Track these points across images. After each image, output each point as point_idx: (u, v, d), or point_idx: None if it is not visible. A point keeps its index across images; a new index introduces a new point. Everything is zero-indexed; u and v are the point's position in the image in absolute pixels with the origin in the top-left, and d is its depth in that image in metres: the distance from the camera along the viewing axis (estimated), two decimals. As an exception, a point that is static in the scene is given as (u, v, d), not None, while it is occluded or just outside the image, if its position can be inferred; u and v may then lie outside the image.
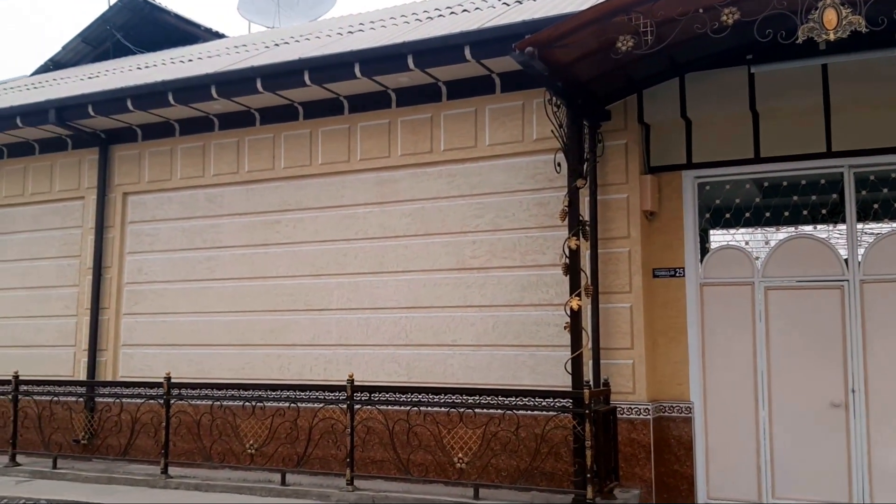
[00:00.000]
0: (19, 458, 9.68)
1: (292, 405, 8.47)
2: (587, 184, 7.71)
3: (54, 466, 9.37)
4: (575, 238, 7.27)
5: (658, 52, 6.65)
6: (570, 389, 7.22)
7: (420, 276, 8.86)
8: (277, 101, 9.58)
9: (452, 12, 10.15)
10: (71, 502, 8.00)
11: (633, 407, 7.80)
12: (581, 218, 7.43)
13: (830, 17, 5.69)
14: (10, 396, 9.79)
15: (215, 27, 16.82)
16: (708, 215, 8.37)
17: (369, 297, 9.11)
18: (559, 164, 7.50)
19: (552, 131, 7.37)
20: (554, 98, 7.27)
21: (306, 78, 8.91)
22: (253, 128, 10.01)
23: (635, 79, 7.96)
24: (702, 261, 8.14)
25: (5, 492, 8.46)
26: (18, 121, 10.66)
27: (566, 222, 7.33)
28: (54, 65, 16.64)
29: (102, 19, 16.01)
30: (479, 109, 8.73)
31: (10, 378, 9.83)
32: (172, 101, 9.70)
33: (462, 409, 7.57)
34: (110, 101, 10.07)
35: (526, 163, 8.47)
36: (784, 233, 8.07)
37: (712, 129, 8.06)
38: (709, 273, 8.09)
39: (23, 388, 9.82)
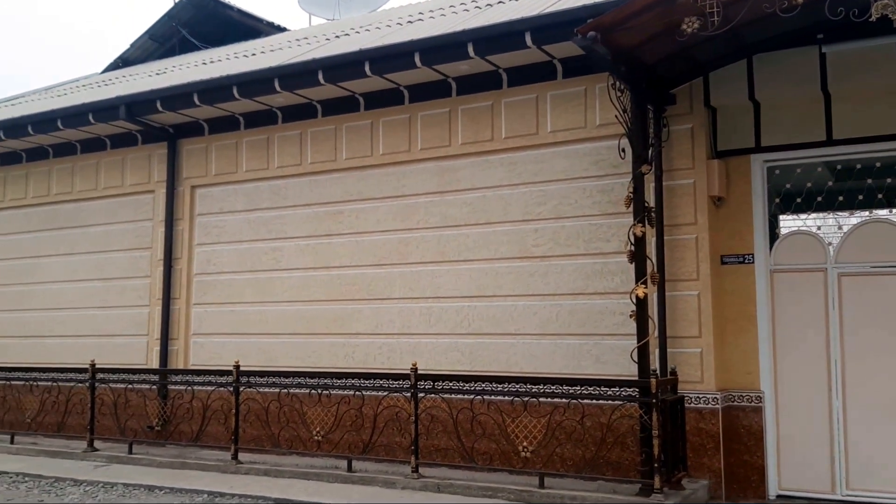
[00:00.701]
0: (97, 444, 10.04)
1: (357, 393, 8.57)
2: (652, 169, 7.56)
3: (130, 452, 9.68)
4: (640, 225, 7.16)
5: (725, 34, 6.48)
6: (636, 378, 7.12)
7: (482, 265, 8.85)
8: (339, 92, 9.65)
9: (512, -2, 10.08)
10: (146, 486, 8.25)
11: (701, 396, 7.66)
12: (646, 204, 7.30)
13: (907, -8, 5.46)
14: (87, 384, 10.16)
15: (277, 21, 17.07)
16: (778, 200, 8.15)
17: (431, 286, 9.14)
18: (623, 150, 7.39)
19: (616, 116, 7.25)
20: (617, 83, 7.14)
21: (367, 69, 8.95)
22: (315, 120, 10.12)
23: (701, 61, 7.77)
24: (772, 247, 7.93)
25: (84, 476, 8.77)
26: (90, 117, 10.98)
27: (631, 209, 7.23)
28: (123, 62, 17.11)
29: (168, 16, 16.39)
30: (540, 96, 8.65)
31: (87, 366, 10.20)
32: (237, 95, 9.86)
33: (526, 398, 7.55)
34: (177, 96, 10.28)
35: (589, 149, 8.37)
36: (858, 217, 7.80)
37: (782, 112, 7.83)
38: (779, 259, 7.88)
39: (99, 375, 10.16)
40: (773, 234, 8.08)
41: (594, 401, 7.39)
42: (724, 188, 7.97)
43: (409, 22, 11.02)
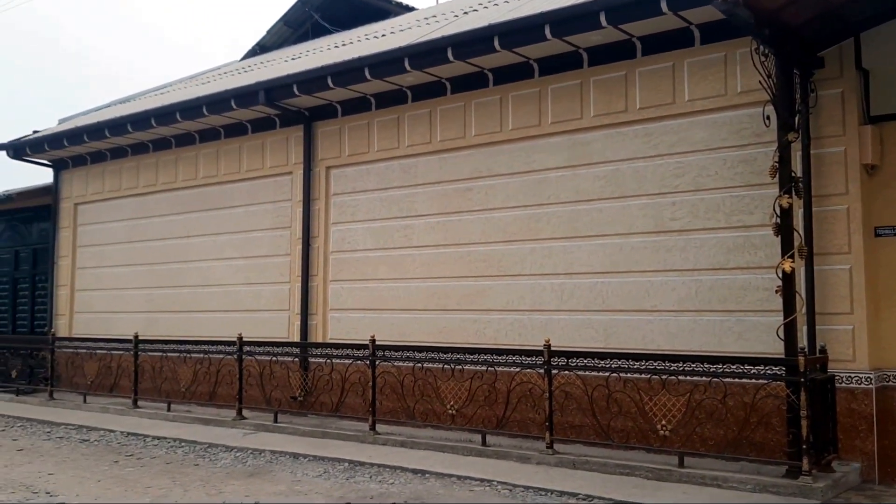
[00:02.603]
0: (244, 413, 10.61)
1: (489, 369, 8.65)
2: (799, 137, 7.17)
3: (275, 421, 10.19)
4: (787, 196, 6.82)
5: (881, -11, 6.05)
6: (782, 356, 6.83)
7: (616, 240, 8.68)
8: (467, 69, 9.66)
9: (645, -35, 9.74)
10: (291, 454, 8.65)
11: (852, 375, 7.25)
12: (793, 174, 6.95)
13: None
14: (235, 356, 10.73)
15: (406, 1, 17.22)
16: (939, 167, 7.55)
17: (563, 262, 9.06)
18: (768, 118, 7.04)
19: (759, 82, 6.91)
20: (761, 47, 6.81)
21: (496, 44, 8.91)
22: (444, 97, 10.18)
23: (852, 21, 7.29)
24: (932, 218, 7.37)
25: (234, 443, 9.30)
26: (232, 103, 11.48)
27: (776, 179, 6.89)
28: (261, 48, 17.79)
29: (301, 2, 16.88)
30: (676, 64, 8.34)
31: (235, 340, 10.78)
32: (368, 76, 10.05)
33: (664, 376, 7.38)
34: (312, 79, 10.59)
35: (729, 118, 8.02)
36: None
37: (944, 72, 7.23)
38: (941, 231, 7.32)
39: (246, 348, 10.71)
40: (934, 204, 7.51)
41: (737, 379, 7.15)
42: (878, 155, 7.46)
43: (538, -6, 10.86)
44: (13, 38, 58.04)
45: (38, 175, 16.25)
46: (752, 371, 6.99)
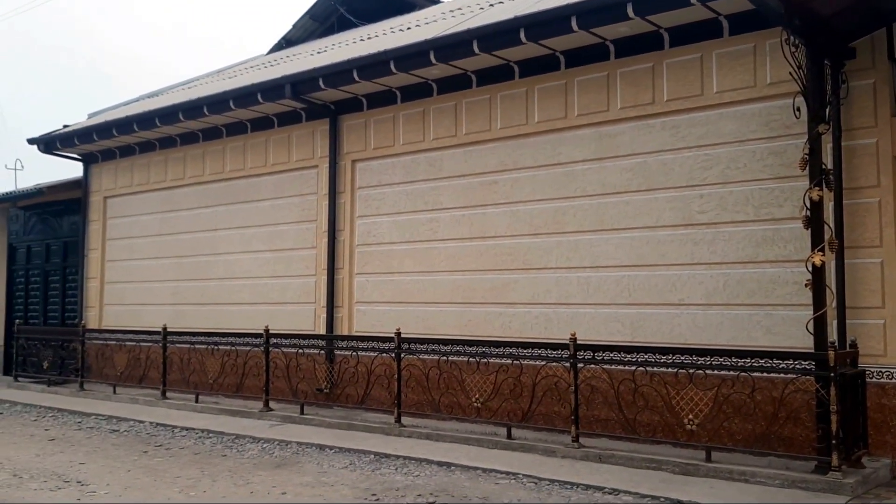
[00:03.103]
0: (271, 404, 10.70)
1: (515, 362, 8.63)
2: (830, 129, 7.06)
3: (301, 412, 10.25)
4: (817, 188, 6.73)
5: (915, -23, 5.94)
6: (812, 351, 6.75)
7: (643, 233, 8.62)
8: (493, 61, 9.64)
9: (673, -45, 9.64)
10: (317, 445, 8.71)
11: (883, 370, 7.16)
12: (824, 166, 6.85)
13: None
14: (262, 348, 10.82)
15: (431, -6, 17.18)
16: (972, 159, 7.41)
17: (589, 255, 9.02)
18: (798, 109, 6.94)
19: (790, 73, 6.81)
20: (791, 37, 6.71)
21: (522, 36, 8.88)
22: (469, 90, 10.16)
23: (884, 10, 7.17)
24: (965, 210, 7.23)
25: (261, 434, 9.37)
26: (259, 97, 11.55)
27: (806, 171, 6.81)
28: (287, 42, 17.86)
29: (327, -5, 16.93)
30: (704, 55, 8.26)
31: (261, 332, 10.86)
32: (394, 70, 10.06)
33: (692, 370, 7.33)
34: (338, 73, 10.62)
35: (759, 109, 7.93)
36: None
37: (981, 62, 7.09)
38: (975, 224, 7.18)
39: (272, 340, 10.79)
40: (968, 196, 7.37)
41: (765, 374, 7.09)
42: (912, 147, 7.35)
43: (564, -14, 10.79)
44: (44, 35, 58.85)
45: (68, 169, 16.49)
46: (781, 365, 6.91)
